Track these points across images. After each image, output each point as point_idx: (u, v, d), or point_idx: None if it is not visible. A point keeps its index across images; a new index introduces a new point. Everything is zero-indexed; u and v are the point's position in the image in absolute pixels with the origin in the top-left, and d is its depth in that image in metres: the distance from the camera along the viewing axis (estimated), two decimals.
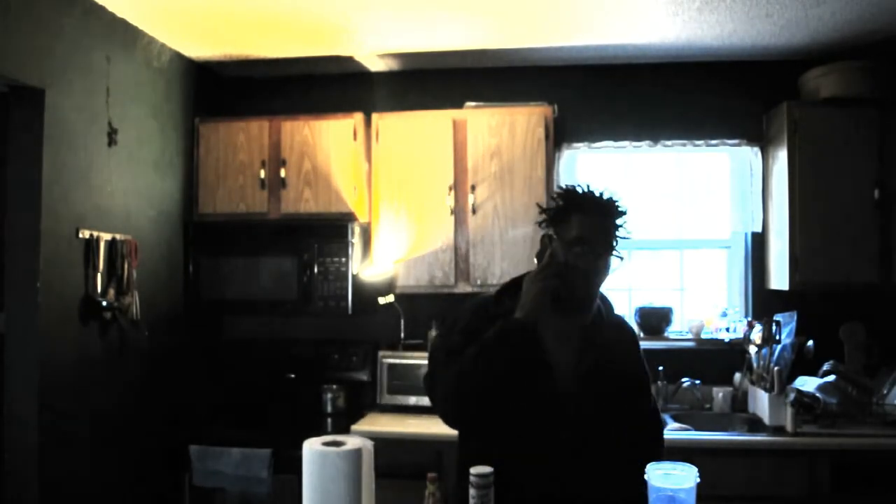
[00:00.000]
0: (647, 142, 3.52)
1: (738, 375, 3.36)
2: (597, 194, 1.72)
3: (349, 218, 3.32)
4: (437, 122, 3.36)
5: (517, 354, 1.65)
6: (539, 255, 1.78)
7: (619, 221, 1.71)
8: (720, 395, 3.33)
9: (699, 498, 1.55)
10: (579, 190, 1.74)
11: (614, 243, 1.70)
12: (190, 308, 3.40)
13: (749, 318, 3.34)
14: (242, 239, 3.35)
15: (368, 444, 1.63)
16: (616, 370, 1.75)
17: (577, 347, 1.74)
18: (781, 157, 3.23)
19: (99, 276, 2.75)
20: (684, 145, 3.52)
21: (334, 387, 3.46)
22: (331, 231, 3.29)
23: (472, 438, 1.82)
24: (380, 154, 3.39)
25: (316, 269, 3.28)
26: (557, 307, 1.68)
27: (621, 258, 1.70)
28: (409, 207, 3.36)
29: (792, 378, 3.12)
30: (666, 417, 3.20)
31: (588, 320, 1.74)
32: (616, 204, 1.72)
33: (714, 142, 3.50)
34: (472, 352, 1.66)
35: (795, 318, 3.16)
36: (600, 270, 1.68)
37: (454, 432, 2.73)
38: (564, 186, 1.78)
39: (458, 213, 3.33)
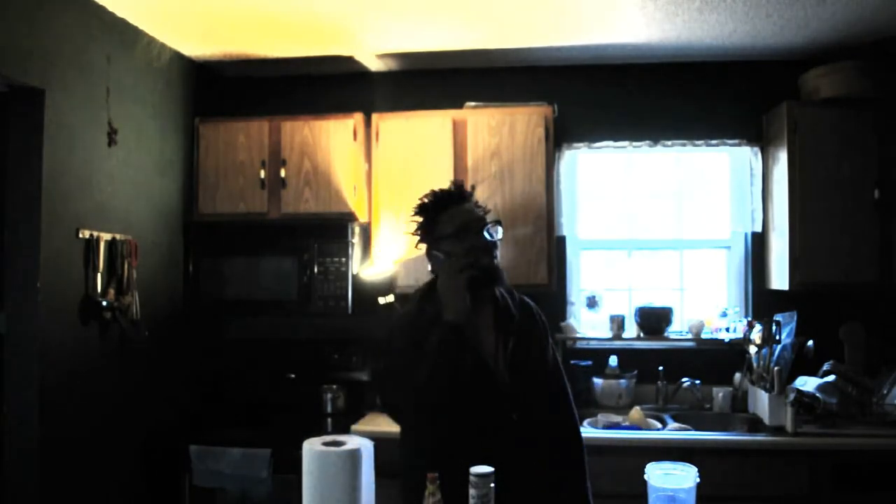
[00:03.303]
0: (647, 142, 3.52)
1: (738, 375, 3.36)
2: (445, 189, 1.91)
3: (349, 218, 3.32)
4: (437, 122, 3.36)
5: (460, 354, 1.73)
6: (435, 268, 1.90)
7: (472, 201, 1.90)
8: (720, 395, 3.33)
9: (699, 498, 1.55)
10: (430, 197, 1.91)
11: (485, 215, 1.88)
12: (190, 308, 3.40)
13: (749, 318, 3.34)
14: (242, 239, 3.35)
15: (368, 444, 1.63)
16: (531, 348, 1.90)
17: (497, 337, 1.87)
18: (781, 157, 3.24)
19: (99, 276, 2.75)
20: (684, 145, 3.52)
21: (334, 387, 3.46)
22: (331, 231, 3.28)
23: (420, 435, 1.86)
24: (380, 154, 3.39)
25: (316, 269, 3.28)
26: (475, 290, 1.79)
27: (499, 223, 1.85)
28: (409, 207, 3.33)
29: (792, 378, 3.12)
30: (666, 417, 3.20)
31: (502, 288, 1.91)
32: (462, 187, 1.91)
33: (714, 142, 3.50)
34: (425, 367, 1.70)
35: (795, 318, 3.16)
36: (493, 241, 1.83)
37: None
38: (418, 202, 1.94)
39: None
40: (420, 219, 1.92)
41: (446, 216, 1.85)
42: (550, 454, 1.88)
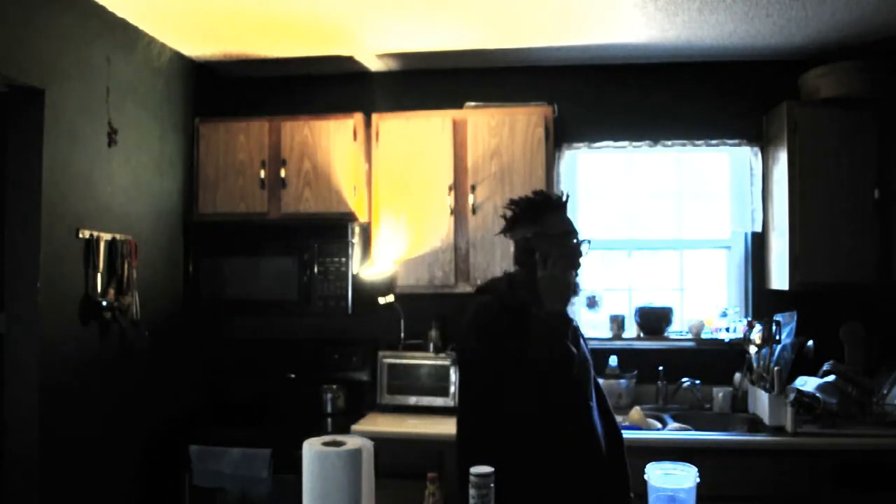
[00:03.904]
0: (647, 142, 3.52)
1: (738, 375, 3.36)
2: (555, 193, 2.03)
3: (349, 218, 3.32)
4: (437, 122, 3.36)
5: (564, 340, 1.83)
6: (523, 257, 1.96)
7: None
8: (720, 395, 3.33)
9: (699, 498, 1.55)
10: (539, 196, 1.99)
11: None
12: (190, 308, 3.40)
13: (749, 318, 3.34)
14: (242, 239, 3.35)
15: (368, 444, 1.63)
16: (581, 350, 2.01)
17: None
18: (781, 157, 3.24)
19: (99, 276, 2.75)
20: (684, 145, 3.52)
21: (334, 387, 3.46)
22: (331, 231, 3.29)
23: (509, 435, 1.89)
24: (380, 154, 3.39)
25: (316, 269, 3.28)
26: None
27: (590, 242, 1.97)
28: (409, 207, 3.36)
29: (792, 378, 3.12)
30: (666, 417, 3.20)
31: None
32: (568, 199, 2.01)
33: (714, 142, 3.50)
34: (536, 350, 1.79)
35: (795, 318, 3.16)
36: (582, 256, 1.96)
37: (453, 432, 2.73)
38: (528, 196, 2.00)
39: (458, 213, 3.33)
40: (519, 211, 1.99)
41: (552, 218, 1.95)
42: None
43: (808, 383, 3.07)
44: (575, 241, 1.94)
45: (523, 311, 1.85)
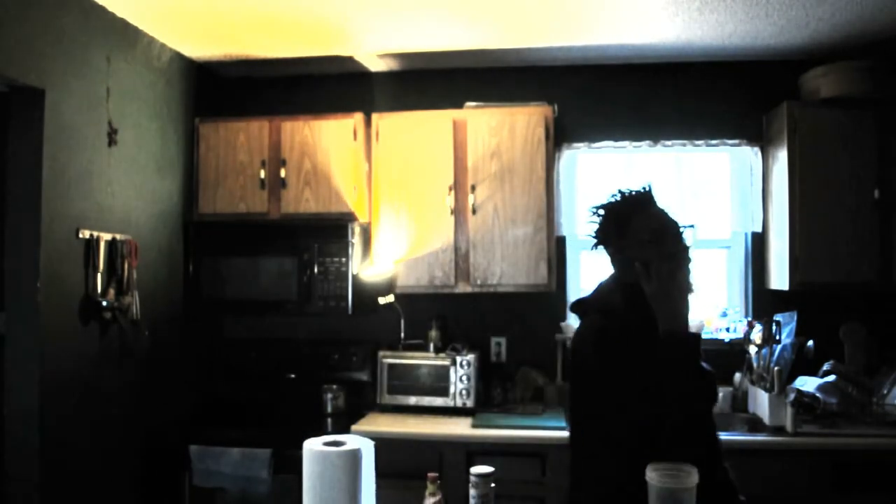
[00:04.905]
0: (647, 142, 3.52)
1: (738, 375, 3.36)
2: (636, 190, 1.76)
3: (349, 218, 3.32)
4: (437, 122, 3.36)
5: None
6: (621, 271, 1.74)
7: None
8: (720, 395, 3.32)
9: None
10: (620, 197, 1.75)
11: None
12: (190, 308, 3.40)
13: (749, 318, 3.34)
14: (242, 239, 3.35)
15: (368, 444, 1.63)
16: None
17: None
18: (781, 157, 3.24)
19: (99, 276, 2.75)
20: (684, 145, 3.52)
21: (334, 387, 3.46)
22: (331, 231, 3.29)
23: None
24: (380, 154, 3.39)
25: (316, 269, 3.28)
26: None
27: (692, 226, 1.78)
28: (409, 207, 3.36)
29: (792, 378, 3.12)
30: None
31: None
32: (653, 189, 1.78)
33: (714, 142, 3.50)
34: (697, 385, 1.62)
35: (795, 318, 3.16)
36: (689, 247, 1.73)
37: (453, 432, 2.77)
38: (607, 202, 1.76)
39: (458, 213, 3.33)
40: (604, 219, 1.74)
41: (642, 219, 1.69)
42: None
43: (808, 383, 3.07)
44: (674, 234, 1.67)
45: (649, 332, 1.60)
